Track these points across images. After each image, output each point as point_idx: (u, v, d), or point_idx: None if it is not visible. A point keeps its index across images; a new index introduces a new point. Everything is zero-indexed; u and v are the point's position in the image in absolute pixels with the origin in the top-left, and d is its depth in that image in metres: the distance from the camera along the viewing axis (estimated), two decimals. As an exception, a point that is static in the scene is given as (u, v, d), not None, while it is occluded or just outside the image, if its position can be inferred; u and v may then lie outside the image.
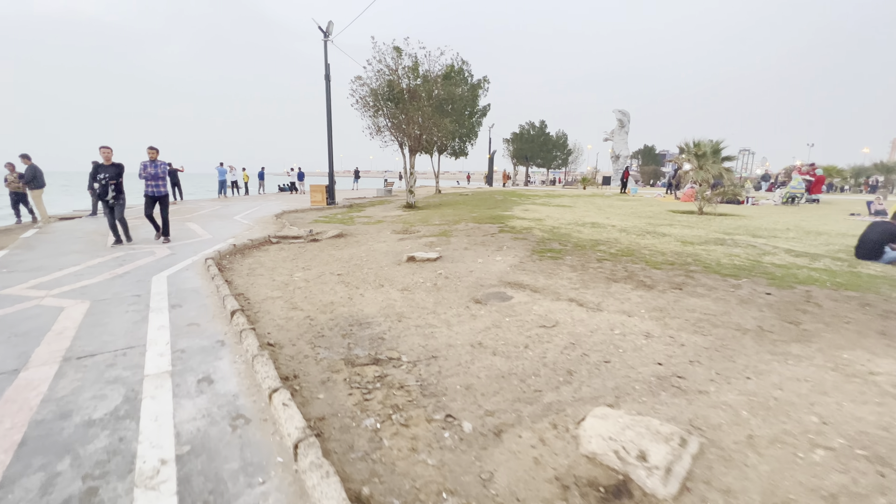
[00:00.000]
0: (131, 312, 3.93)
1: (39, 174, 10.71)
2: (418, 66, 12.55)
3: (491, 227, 8.81)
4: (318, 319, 3.86)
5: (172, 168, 17.90)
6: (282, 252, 7.04)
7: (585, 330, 3.44)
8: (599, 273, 5.11)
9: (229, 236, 8.40)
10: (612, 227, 9.04)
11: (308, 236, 8.28)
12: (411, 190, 14.63)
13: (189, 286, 4.82)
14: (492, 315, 3.86)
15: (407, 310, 4.08)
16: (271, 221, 10.99)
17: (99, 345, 3.20)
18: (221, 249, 6.74)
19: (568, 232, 8.18)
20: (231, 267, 5.93)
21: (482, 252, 6.38)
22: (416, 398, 2.55)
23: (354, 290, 4.76)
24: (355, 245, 7.48)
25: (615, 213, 12.08)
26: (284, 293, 4.68)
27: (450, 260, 5.90)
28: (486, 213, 11.74)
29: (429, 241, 7.49)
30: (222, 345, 3.23)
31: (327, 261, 6.26)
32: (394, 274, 5.32)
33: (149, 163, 7.46)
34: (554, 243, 6.95)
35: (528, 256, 6.00)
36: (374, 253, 6.62)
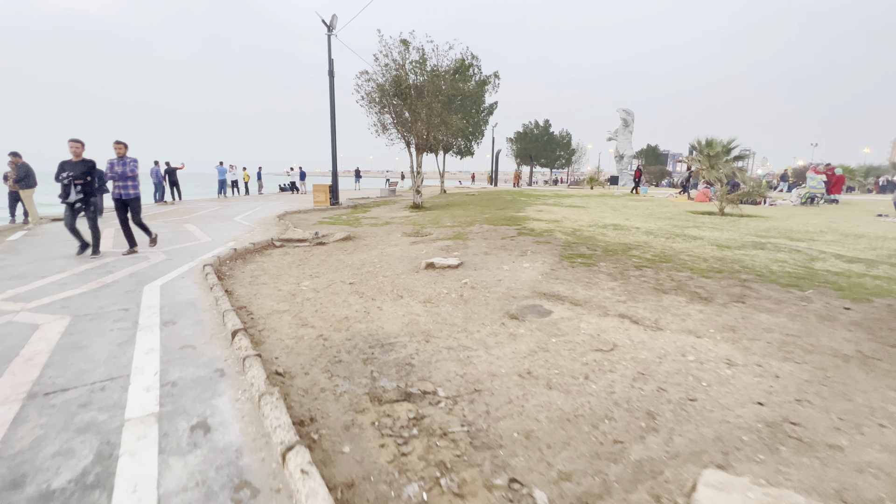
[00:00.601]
0: (117, 331, 3.40)
1: (31, 173, 10.18)
2: (426, 60, 12.02)
3: (508, 230, 8.27)
4: (332, 339, 3.33)
5: (171, 167, 17.40)
6: (286, 257, 6.51)
7: (651, 355, 2.90)
8: (643, 282, 4.57)
9: (229, 239, 7.87)
10: (637, 229, 8.51)
11: (314, 239, 7.75)
12: (418, 190, 14.10)
13: (184, 298, 4.28)
14: (534, 334, 3.33)
15: (434, 327, 3.55)
16: (273, 223, 10.46)
17: (73, 376, 2.66)
18: (221, 254, 6.20)
19: (592, 235, 7.64)
20: (232, 274, 5.40)
21: (506, 258, 5.85)
22: (465, 451, 2.02)
23: (370, 301, 4.23)
24: (365, 249, 6.95)
25: (633, 215, 11.54)
26: (292, 306, 4.15)
27: (472, 267, 5.36)
28: (499, 214, 11.21)
29: (444, 244, 6.96)
30: (222, 375, 2.69)
31: (337, 267, 5.73)
32: (412, 283, 4.79)
33: (116, 160, 6.36)
34: (581, 247, 6.41)
35: (558, 263, 5.47)
36: (387, 258, 6.09)
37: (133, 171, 6.44)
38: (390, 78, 12.33)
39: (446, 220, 10.32)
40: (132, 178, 6.46)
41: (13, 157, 10.00)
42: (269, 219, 11.26)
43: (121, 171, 6.33)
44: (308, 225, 10.19)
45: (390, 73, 12.42)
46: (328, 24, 14.09)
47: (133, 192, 6.51)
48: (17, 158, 10.02)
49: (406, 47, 12.02)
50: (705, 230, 8.50)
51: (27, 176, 10.02)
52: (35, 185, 10.35)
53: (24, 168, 9.96)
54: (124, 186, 6.43)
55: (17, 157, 10.03)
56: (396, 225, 9.93)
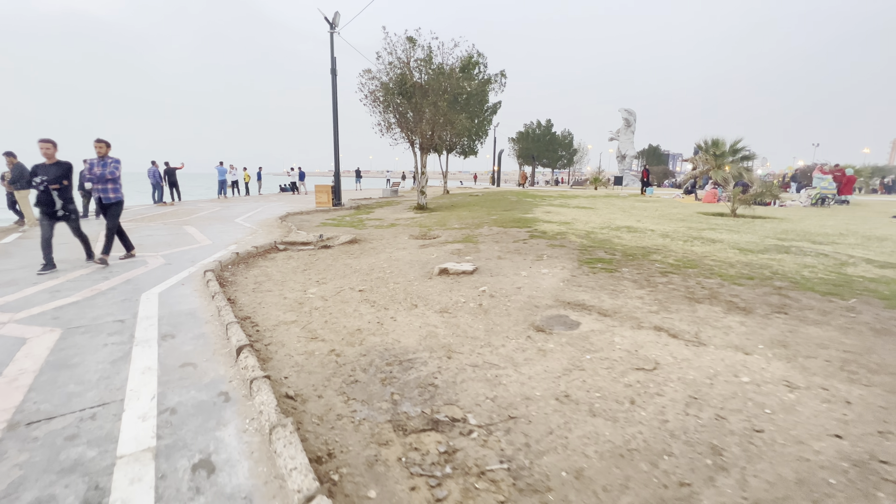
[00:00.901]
0: (111, 346, 3.12)
1: (26, 174, 9.90)
2: (432, 57, 11.75)
3: (519, 232, 8.00)
4: (346, 355, 3.06)
5: (171, 167, 17.12)
6: (291, 261, 6.24)
7: (700, 376, 2.63)
8: (672, 290, 4.30)
9: (231, 242, 7.59)
10: (651, 231, 8.24)
11: (318, 242, 7.48)
12: (423, 191, 13.83)
13: (185, 307, 4.01)
14: (564, 350, 3.06)
15: (454, 340, 3.28)
16: (276, 224, 10.18)
17: (61, 401, 2.39)
18: (223, 259, 5.93)
19: (607, 237, 7.37)
20: (234, 280, 5.13)
21: (521, 262, 5.58)
22: (509, 496, 1.75)
23: (383, 311, 3.96)
24: (372, 253, 6.68)
25: (644, 216, 11.28)
26: (300, 316, 3.88)
27: (488, 272, 5.09)
28: (506, 215, 10.94)
29: (454, 248, 6.69)
30: (227, 400, 2.42)
31: (344, 272, 5.46)
32: (426, 290, 4.52)
33: (96, 160, 5.79)
34: (599, 251, 6.14)
35: (577, 268, 5.20)
36: (396, 263, 5.81)
37: (114, 172, 5.79)
38: (395, 76, 12.06)
39: (453, 222, 10.05)
40: (113, 180, 5.83)
41: (8, 158, 9.73)
42: (271, 220, 10.99)
43: (100, 173, 5.71)
44: (311, 227, 9.91)
45: (395, 71, 12.15)
46: (331, 22, 13.82)
47: (114, 195, 5.84)
48: (13, 159, 9.74)
49: (412, 44, 11.75)
50: (722, 232, 8.23)
51: (22, 177, 9.74)
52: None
53: (18, 168, 9.68)
54: (104, 190, 5.81)
55: (13, 157, 9.75)
56: (402, 227, 9.66)
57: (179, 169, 17.35)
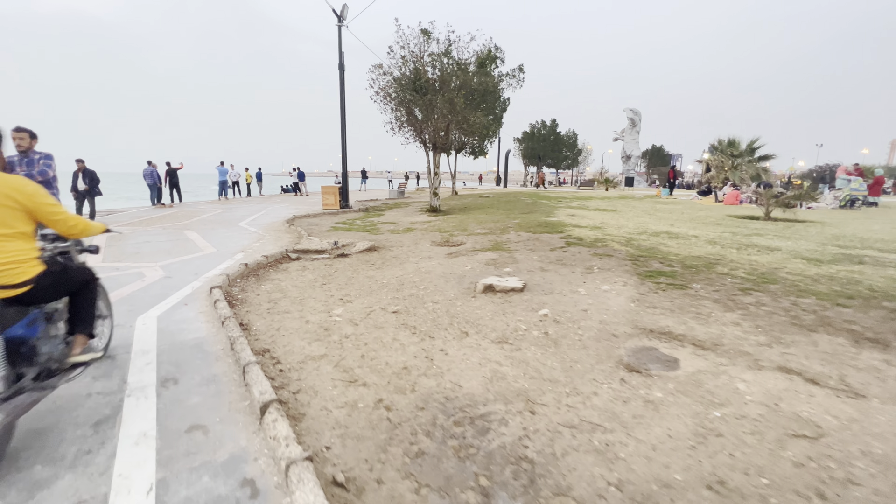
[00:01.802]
0: (95, 398, 2.43)
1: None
2: (450, 51, 11.07)
3: (551, 238, 7.33)
4: (398, 408, 2.38)
5: (172, 167, 16.41)
6: (306, 273, 5.55)
7: (890, 449, 1.95)
8: (769, 314, 3.62)
9: (237, 250, 6.90)
10: (695, 237, 7.56)
11: (334, 250, 6.79)
12: (436, 192, 13.14)
13: (189, 337, 3.32)
14: (679, 401, 2.39)
15: (530, 385, 2.61)
16: (283, 229, 9.49)
17: (19, 498, 1.70)
18: (230, 271, 5.24)
19: (652, 245, 6.70)
20: (245, 298, 4.44)
21: (572, 276, 4.90)
22: None
23: (429, 341, 3.28)
24: (396, 263, 5.99)
25: (675, 220, 10.61)
26: (329, 348, 3.19)
27: (539, 289, 4.41)
28: (529, 219, 10.25)
29: (487, 258, 6.01)
30: (254, 496, 1.73)
31: (370, 287, 4.77)
32: (474, 313, 3.83)
33: (17, 158, 4.24)
34: (653, 262, 5.47)
35: (640, 283, 4.52)
36: (427, 276, 5.13)
37: (45, 172, 4.09)
38: (408, 71, 11.38)
39: (474, 227, 9.37)
40: (45, 183, 4.10)
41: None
42: (278, 224, 10.29)
43: (25, 174, 4.08)
44: (322, 232, 9.22)
45: (407, 65, 11.47)
46: (339, 15, 13.14)
47: None
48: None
49: (427, 38, 11.07)
50: (772, 239, 7.56)
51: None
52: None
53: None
54: None
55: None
56: (420, 232, 8.98)
57: (179, 169, 16.64)
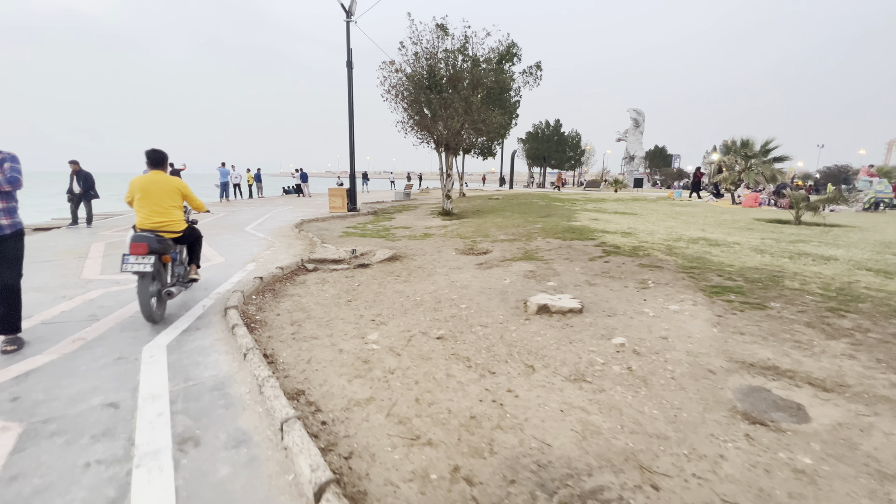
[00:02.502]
0: (96, 469, 1.91)
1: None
2: (467, 46, 10.55)
3: (585, 246, 6.82)
4: (481, 480, 1.87)
5: (175, 168, 15.82)
6: (327, 286, 5.03)
7: None
8: (879, 342, 3.12)
9: (247, 259, 6.37)
10: (737, 244, 7.06)
11: (353, 259, 6.27)
12: (449, 195, 12.63)
13: (207, 375, 2.79)
14: (839, 471, 1.88)
15: (634, 443, 2.10)
16: (293, 235, 8.96)
17: None
18: (244, 286, 4.72)
19: (697, 254, 6.19)
20: (264, 320, 3.91)
21: (627, 293, 4.40)
22: None
23: (489, 377, 2.77)
24: (423, 274, 5.47)
25: (703, 224, 10.11)
26: (374, 388, 2.67)
27: (600, 310, 3.90)
28: (551, 223, 9.73)
29: (523, 269, 5.50)
30: None
31: (402, 305, 4.26)
32: (531, 339, 3.32)
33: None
34: (710, 274, 4.96)
35: (710, 302, 4.02)
36: (463, 291, 4.61)
37: (15, 181, 3.03)
38: (421, 68, 10.86)
39: (495, 232, 8.86)
40: (6, 195, 3.06)
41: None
42: (286, 229, 9.76)
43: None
44: (334, 237, 8.69)
45: (421, 62, 10.95)
46: (347, 10, 12.61)
47: (7, 221, 3.04)
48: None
49: (444, 32, 10.55)
50: (818, 246, 7.06)
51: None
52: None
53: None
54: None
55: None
56: (439, 238, 8.46)
57: (182, 170, 16.06)
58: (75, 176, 9.56)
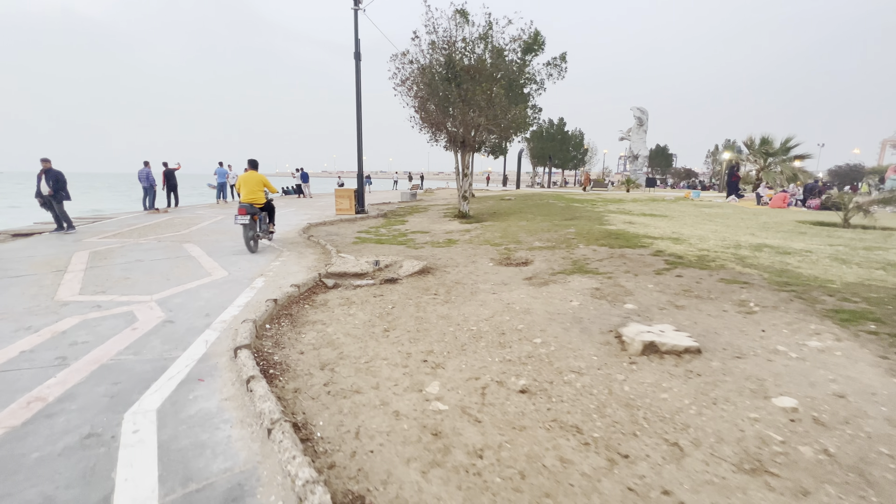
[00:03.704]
0: None
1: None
2: (490, 35, 9.68)
3: (640, 255, 5.97)
4: None
5: (170, 168, 14.86)
6: (354, 309, 4.15)
7: None
8: None
9: (254, 273, 5.48)
10: (808, 252, 6.24)
11: (376, 273, 5.40)
12: (465, 196, 11.75)
13: (216, 469, 1.90)
14: None
15: None
16: (301, 241, 8.06)
17: None
18: (255, 311, 3.83)
19: (777, 266, 5.35)
20: (286, 362, 3.02)
21: (730, 319, 3.55)
22: None
23: (623, 464, 1.92)
24: (465, 292, 4.60)
25: (746, 227, 9.29)
26: (465, 489, 1.80)
27: (719, 347, 3.04)
28: (584, 227, 8.87)
29: (585, 285, 4.64)
30: None
31: (455, 336, 3.39)
32: (654, 395, 2.46)
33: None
34: (816, 293, 4.11)
35: (851, 335, 3.17)
36: (527, 317, 3.74)
37: None
38: (440, 59, 9.98)
39: (525, 237, 8.00)
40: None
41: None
42: (293, 234, 8.85)
43: None
44: (347, 244, 7.80)
45: (438, 53, 10.07)
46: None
47: None
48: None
49: (463, 19, 9.67)
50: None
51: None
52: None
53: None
54: None
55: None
56: (466, 245, 7.58)
57: (177, 170, 15.11)
58: (44, 175, 8.61)
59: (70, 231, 8.76)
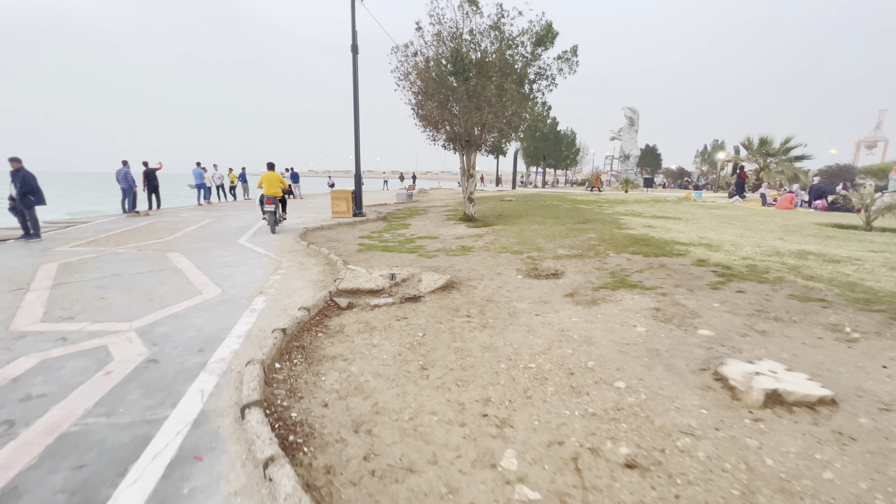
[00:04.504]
0: None
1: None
2: (501, 26, 9.04)
3: (681, 264, 5.42)
4: None
5: (151, 168, 13.88)
6: (377, 337, 3.48)
7: None
8: None
9: (252, 290, 4.75)
10: (856, 260, 5.77)
11: (394, 288, 4.73)
12: (471, 198, 11.12)
13: None
14: None
15: None
16: (300, 248, 7.33)
17: None
18: (260, 346, 3.13)
19: (841, 278, 4.85)
20: (308, 421, 2.34)
21: (835, 351, 2.99)
22: None
23: None
24: (502, 313, 3.97)
25: (770, 230, 8.87)
26: None
27: (853, 396, 2.46)
28: (604, 231, 8.32)
29: (638, 304, 4.06)
30: None
31: (511, 376, 2.75)
32: (810, 474, 1.86)
33: None
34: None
35: None
36: (593, 350, 3.13)
37: None
38: (445, 51, 9.31)
39: (544, 243, 7.40)
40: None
41: None
42: (289, 241, 8.10)
43: None
44: (352, 252, 7.10)
45: (444, 45, 9.41)
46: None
47: None
48: None
49: (474, 7, 9.00)
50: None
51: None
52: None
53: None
54: None
55: None
56: (482, 252, 6.95)
57: (158, 170, 14.14)
58: (12, 176, 7.74)
59: (34, 239, 7.87)
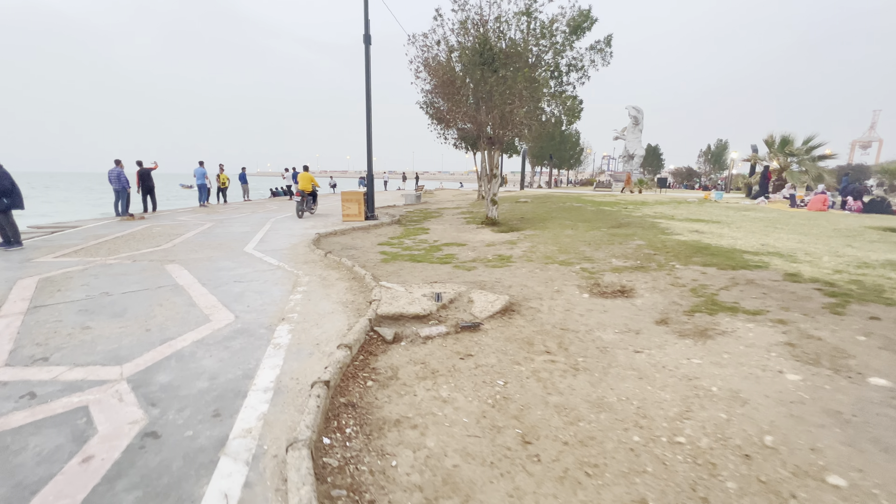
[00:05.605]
0: None
1: None
2: (531, 10, 8.22)
3: (771, 280, 4.65)
4: None
5: (145, 168, 12.97)
6: (442, 387, 2.66)
7: None
8: None
9: (271, 316, 3.90)
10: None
11: (442, 312, 3.91)
12: (494, 200, 10.31)
13: None
14: None
15: None
16: (317, 258, 6.48)
17: None
18: (303, 414, 2.31)
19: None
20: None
21: None
22: None
23: None
24: (587, 347, 3.16)
25: (829, 236, 8.12)
26: None
27: None
28: (652, 237, 7.53)
29: (767, 339, 3.27)
30: None
31: (657, 458, 1.94)
32: None
33: None
34: None
35: None
36: (750, 411, 2.33)
37: None
38: (470, 40, 8.50)
39: (587, 250, 6.61)
40: None
41: None
42: (302, 249, 7.26)
43: None
44: (376, 263, 6.26)
45: (468, 33, 8.60)
46: (365, -29, 10.13)
47: None
48: None
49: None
50: None
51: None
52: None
53: None
54: None
55: None
56: (522, 262, 6.13)
57: (153, 170, 13.23)
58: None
59: (14, 247, 7.00)
